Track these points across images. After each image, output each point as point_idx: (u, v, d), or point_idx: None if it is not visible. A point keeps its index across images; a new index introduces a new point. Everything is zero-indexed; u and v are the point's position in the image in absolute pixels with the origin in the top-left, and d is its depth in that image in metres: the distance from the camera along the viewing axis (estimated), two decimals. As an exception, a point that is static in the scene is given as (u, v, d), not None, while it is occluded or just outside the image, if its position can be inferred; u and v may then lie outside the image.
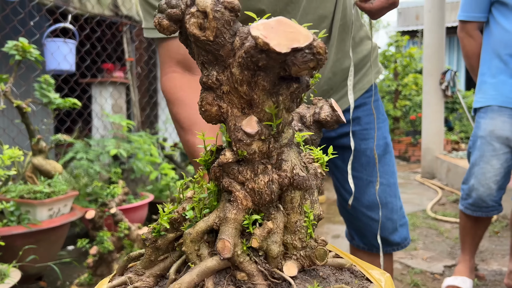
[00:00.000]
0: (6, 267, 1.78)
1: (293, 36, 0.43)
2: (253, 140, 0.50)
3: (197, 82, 1.00)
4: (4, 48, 2.26)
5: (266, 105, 0.49)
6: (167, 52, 1.06)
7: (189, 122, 1.02)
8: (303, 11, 1.08)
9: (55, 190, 2.18)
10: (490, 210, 2.05)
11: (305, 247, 0.54)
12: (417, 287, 2.34)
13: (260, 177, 0.52)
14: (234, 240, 0.52)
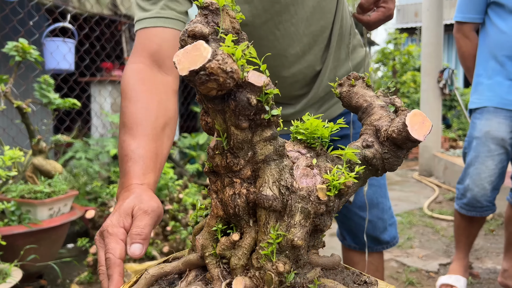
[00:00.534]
0: (8, 266, 1.81)
1: (195, 59, 0.45)
2: (214, 154, 0.53)
3: (162, 80, 0.97)
4: (4, 49, 2.28)
5: (217, 122, 0.52)
6: (142, 40, 1.00)
7: (132, 121, 0.90)
8: (306, 23, 1.11)
9: (55, 189, 2.21)
10: (485, 210, 2.09)
11: (259, 268, 0.56)
12: (412, 285, 2.38)
13: (227, 189, 0.55)
14: (204, 242, 0.56)
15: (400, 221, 3.76)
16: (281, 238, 0.54)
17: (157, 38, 0.98)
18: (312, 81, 1.22)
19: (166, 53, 0.98)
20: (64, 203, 2.26)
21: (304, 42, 1.13)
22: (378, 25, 1.12)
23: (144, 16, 0.99)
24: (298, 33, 1.11)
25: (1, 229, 1.95)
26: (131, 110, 0.91)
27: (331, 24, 1.18)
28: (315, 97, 1.24)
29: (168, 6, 0.98)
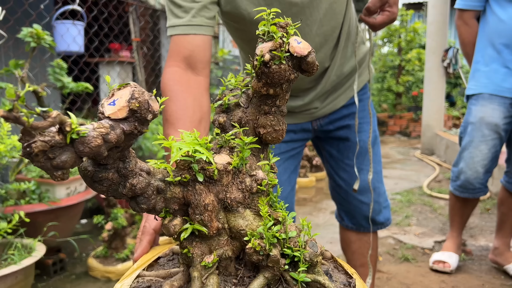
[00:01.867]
0: (32, 241, 1.96)
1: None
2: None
3: (196, 81, 1.11)
4: (19, 35, 2.37)
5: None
6: (177, 46, 1.12)
7: (174, 117, 1.04)
8: (319, 24, 1.20)
9: (72, 170, 2.34)
10: (477, 192, 2.20)
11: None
12: (408, 261, 2.52)
13: None
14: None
15: (399, 200, 3.89)
16: None
17: (189, 45, 1.10)
18: (321, 76, 1.32)
19: (197, 57, 1.10)
20: (80, 182, 2.40)
21: (316, 42, 1.23)
22: (382, 27, 1.22)
23: (178, 23, 1.10)
24: (311, 33, 1.21)
25: (23, 207, 2.09)
26: (172, 108, 1.05)
27: (340, 24, 1.27)
28: (322, 90, 1.34)
29: (199, 14, 1.10)
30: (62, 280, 2.31)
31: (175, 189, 0.63)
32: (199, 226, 0.64)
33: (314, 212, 3.57)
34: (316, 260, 0.64)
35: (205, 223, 0.64)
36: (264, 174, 0.68)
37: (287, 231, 0.65)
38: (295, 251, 0.64)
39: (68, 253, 2.59)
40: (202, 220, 0.64)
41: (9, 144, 1.95)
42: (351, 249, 1.59)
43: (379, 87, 9.69)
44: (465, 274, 2.33)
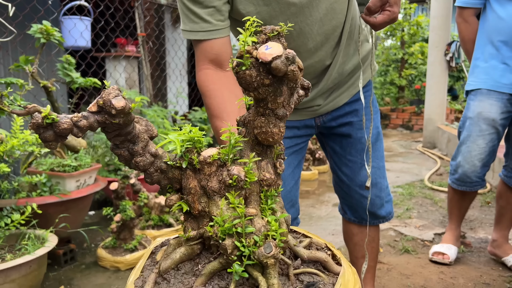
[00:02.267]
0: (44, 232, 2.03)
1: None
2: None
3: (227, 77, 1.22)
4: (29, 31, 2.43)
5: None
6: (202, 51, 1.22)
7: (218, 110, 1.17)
8: (320, 23, 1.25)
9: (81, 163, 2.41)
10: (474, 185, 2.26)
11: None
12: (408, 253, 2.58)
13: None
14: None
15: (400, 193, 3.95)
16: None
17: (213, 49, 1.21)
18: (322, 74, 1.37)
19: (222, 57, 1.22)
20: (89, 175, 2.47)
21: (317, 40, 1.28)
22: (383, 26, 1.25)
23: (197, 28, 1.19)
24: (312, 32, 1.25)
25: (35, 199, 2.16)
26: (214, 105, 1.19)
27: (342, 23, 1.31)
28: (324, 87, 1.40)
29: (214, 18, 1.18)
30: (73, 269, 2.39)
31: (175, 171, 0.80)
32: (185, 205, 0.79)
33: (316, 205, 3.63)
34: (265, 261, 0.69)
35: (189, 203, 0.78)
36: (238, 170, 0.74)
37: (244, 226, 0.72)
38: (246, 246, 0.71)
39: (77, 243, 2.67)
40: (187, 201, 0.78)
41: (21, 139, 2.01)
42: (353, 241, 1.66)
43: (381, 81, 9.71)
44: (464, 265, 2.39)
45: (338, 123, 1.49)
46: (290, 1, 1.18)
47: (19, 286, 1.75)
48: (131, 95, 3.23)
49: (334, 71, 1.36)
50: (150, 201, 2.66)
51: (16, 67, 2.42)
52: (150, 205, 2.68)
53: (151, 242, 2.39)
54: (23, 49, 3.38)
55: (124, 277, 2.28)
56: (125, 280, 2.24)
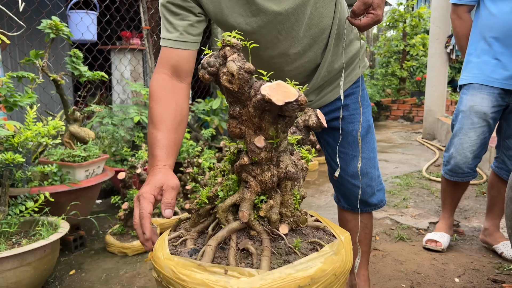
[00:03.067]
0: (56, 219, 2.15)
1: (286, 94, 0.72)
2: (261, 151, 0.81)
3: (179, 88, 1.31)
4: (39, 26, 2.53)
5: (270, 130, 0.80)
6: (166, 57, 1.31)
7: (159, 119, 1.21)
8: (306, 27, 1.34)
9: (90, 154, 2.52)
10: (466, 176, 2.36)
11: (293, 216, 0.86)
12: (403, 240, 2.69)
13: (266, 173, 0.84)
14: (249, 211, 0.84)
15: (398, 183, 4.06)
16: (298, 195, 0.84)
17: (176, 56, 1.29)
18: (312, 73, 1.47)
19: (183, 67, 1.30)
20: (98, 165, 2.58)
21: (305, 43, 1.37)
22: (367, 28, 1.35)
23: (168, 37, 1.30)
24: (299, 36, 1.35)
25: (47, 188, 2.28)
26: (157, 111, 1.23)
27: (330, 26, 1.40)
28: (315, 85, 1.49)
29: (186, 31, 1.29)
30: (82, 255, 2.51)
31: None
32: None
33: (316, 194, 3.74)
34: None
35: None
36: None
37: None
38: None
39: (86, 230, 2.79)
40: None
41: (34, 131, 2.12)
42: (347, 228, 1.76)
43: (383, 72, 9.76)
44: (456, 252, 2.50)
45: (330, 117, 1.59)
46: (276, 11, 1.27)
47: (34, 269, 1.87)
48: (136, 87, 3.32)
49: (323, 70, 1.45)
50: (155, 190, 2.77)
51: (26, 61, 2.52)
52: (155, 194, 2.79)
53: (157, 229, 2.50)
54: (32, 43, 3.47)
55: (131, 262, 2.40)
56: (133, 264, 2.37)
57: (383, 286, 2.10)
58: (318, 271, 0.76)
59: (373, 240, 2.71)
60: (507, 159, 2.36)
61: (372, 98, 8.51)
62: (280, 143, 0.81)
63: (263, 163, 0.83)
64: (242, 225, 0.85)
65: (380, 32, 11.19)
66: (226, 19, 1.29)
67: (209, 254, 0.80)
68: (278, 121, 0.79)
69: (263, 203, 0.86)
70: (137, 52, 4.04)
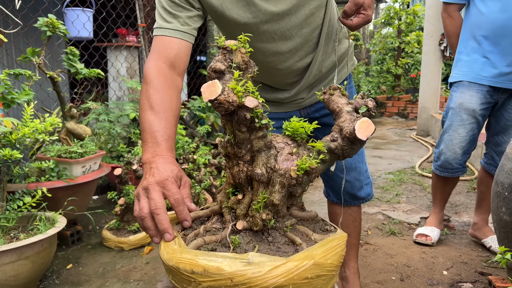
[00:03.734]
0: (53, 214, 2.19)
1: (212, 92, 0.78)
2: (227, 145, 0.88)
3: (176, 80, 1.28)
4: (36, 24, 2.55)
5: (227, 127, 0.85)
6: (163, 45, 1.25)
7: (161, 107, 1.13)
8: (299, 27, 1.39)
9: (87, 150, 2.56)
10: (455, 172, 2.42)
11: (252, 216, 0.88)
12: (394, 235, 2.75)
13: (234, 167, 0.89)
14: (222, 198, 0.92)
15: (391, 179, 4.11)
16: (265, 199, 0.87)
17: (176, 46, 1.26)
18: (304, 71, 1.52)
19: (181, 59, 1.27)
20: (94, 161, 2.61)
21: (297, 42, 1.42)
22: (358, 28, 1.40)
23: (166, 26, 1.27)
24: (292, 35, 1.39)
25: (44, 184, 2.31)
26: (158, 98, 1.15)
27: (320, 26, 1.45)
28: (306, 83, 1.54)
29: (186, 23, 1.29)
30: (79, 249, 2.55)
31: None
32: None
33: (310, 190, 3.80)
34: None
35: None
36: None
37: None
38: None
39: (83, 225, 2.83)
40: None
41: (32, 127, 2.15)
42: (336, 221, 1.81)
43: (378, 69, 9.82)
44: (446, 246, 2.56)
45: (320, 114, 1.63)
46: (273, 11, 1.32)
47: (32, 262, 1.91)
48: (132, 84, 3.36)
49: (314, 68, 1.50)
50: (151, 186, 2.81)
51: (23, 58, 2.55)
52: (151, 190, 2.83)
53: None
54: (28, 40, 3.50)
55: (128, 256, 2.45)
56: (129, 259, 2.41)
57: (373, 279, 2.15)
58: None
59: (365, 234, 2.77)
60: (496, 155, 2.42)
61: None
62: (251, 143, 0.85)
63: (232, 158, 0.88)
64: (219, 209, 0.92)
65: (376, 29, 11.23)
66: (225, 17, 1.33)
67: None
68: (231, 119, 0.83)
69: (234, 195, 0.91)
70: (133, 49, 4.07)
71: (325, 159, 0.91)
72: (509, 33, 2.15)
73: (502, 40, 2.18)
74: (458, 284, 2.07)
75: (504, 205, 1.61)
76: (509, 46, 2.17)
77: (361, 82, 8.79)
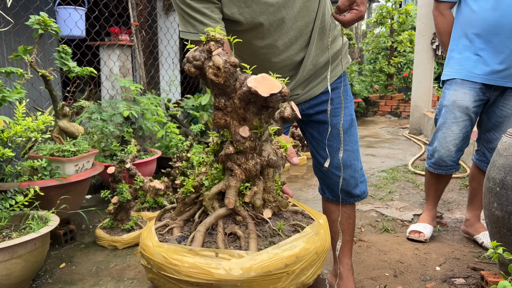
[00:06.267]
0: (46, 213, 2.17)
1: (271, 86, 0.77)
2: (246, 140, 0.86)
3: None
4: (28, 22, 2.53)
5: (254, 121, 0.84)
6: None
7: None
8: (294, 20, 1.40)
9: (80, 148, 2.54)
10: (449, 169, 2.43)
11: (275, 201, 0.90)
12: (387, 231, 2.76)
13: (250, 161, 0.88)
14: (235, 197, 0.89)
15: (384, 177, 4.13)
16: (280, 181, 0.89)
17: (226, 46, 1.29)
18: (298, 66, 1.52)
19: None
20: (87, 160, 2.60)
21: (291, 35, 1.42)
22: (351, 23, 1.41)
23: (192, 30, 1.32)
24: (287, 28, 1.40)
25: (37, 182, 2.30)
26: None
27: (313, 20, 1.46)
28: (301, 79, 1.54)
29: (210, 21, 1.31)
30: (73, 248, 2.54)
31: None
32: None
33: (304, 188, 3.80)
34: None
35: None
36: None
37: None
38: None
39: (76, 225, 2.82)
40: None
41: (24, 125, 2.14)
42: (331, 218, 1.82)
43: (371, 68, 9.86)
44: (438, 242, 2.58)
45: (315, 110, 1.64)
46: (268, 2, 1.33)
47: (25, 261, 1.90)
48: (125, 83, 3.34)
49: (308, 63, 1.51)
50: (145, 184, 2.81)
51: (15, 56, 2.53)
52: (145, 189, 2.82)
53: (147, 223, 2.54)
54: (20, 38, 3.47)
55: (121, 255, 2.44)
56: (123, 257, 2.40)
57: (367, 275, 2.16)
58: (302, 250, 0.81)
59: (359, 231, 2.78)
60: (487, 152, 2.44)
61: (360, 94, 8.60)
62: (263, 133, 0.86)
63: (247, 152, 0.88)
64: (228, 211, 0.90)
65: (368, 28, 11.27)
66: (222, 7, 1.34)
67: (199, 239, 0.84)
68: (261, 112, 0.83)
69: (247, 190, 0.90)
70: (126, 48, 4.05)
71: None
72: (500, 31, 2.17)
73: (494, 38, 2.20)
74: (451, 280, 2.09)
75: (495, 201, 1.62)
76: (500, 43, 2.19)
77: (354, 81, 8.82)
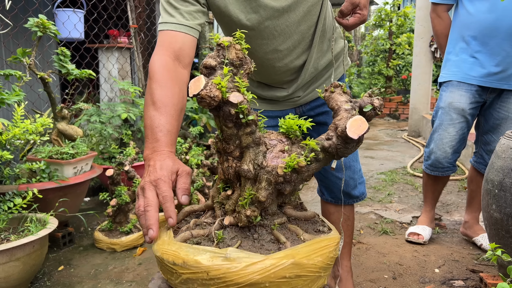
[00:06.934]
0: (44, 215, 2.17)
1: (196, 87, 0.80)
2: (216, 141, 0.89)
3: (181, 72, 1.26)
4: (26, 24, 2.54)
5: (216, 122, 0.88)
6: (168, 39, 1.25)
7: (162, 102, 1.12)
8: (297, 24, 1.41)
9: (78, 151, 2.54)
10: (446, 171, 2.44)
11: (239, 212, 0.88)
12: (386, 234, 2.77)
13: (224, 163, 0.90)
14: (213, 194, 0.93)
15: (383, 179, 4.14)
16: (252, 195, 0.86)
17: (181, 40, 1.25)
18: (300, 69, 1.53)
19: (185, 53, 1.26)
20: (86, 162, 2.60)
21: (294, 39, 1.43)
22: (354, 27, 1.42)
23: (171, 21, 1.27)
24: (290, 32, 1.41)
25: (35, 185, 2.30)
26: (160, 93, 1.14)
27: (315, 23, 1.47)
28: (303, 81, 1.55)
29: (191, 18, 1.28)
30: (71, 251, 2.54)
31: None
32: None
33: (303, 191, 3.81)
34: None
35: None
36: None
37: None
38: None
39: (75, 227, 2.82)
40: None
41: (22, 128, 2.14)
42: (330, 220, 1.82)
43: (369, 71, 9.88)
44: (437, 245, 2.58)
45: (316, 112, 1.64)
46: (274, 7, 1.34)
47: (23, 264, 1.89)
48: (124, 85, 3.34)
49: (310, 66, 1.52)
50: (143, 187, 2.80)
51: (14, 59, 2.53)
52: (143, 191, 2.82)
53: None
54: (18, 41, 3.47)
55: (120, 258, 2.43)
56: (121, 260, 2.40)
57: (366, 277, 2.16)
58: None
59: (358, 233, 2.78)
60: (485, 154, 2.44)
61: (359, 96, 8.61)
62: (239, 139, 0.86)
63: (222, 153, 0.89)
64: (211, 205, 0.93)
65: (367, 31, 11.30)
66: (229, 13, 1.34)
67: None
68: (218, 114, 0.83)
69: (223, 191, 0.92)
70: (125, 51, 4.06)
71: (319, 158, 0.89)
72: (497, 33, 2.18)
73: (490, 40, 2.21)
74: (449, 282, 2.09)
75: (494, 202, 1.63)
76: (497, 46, 2.20)
77: (352, 84, 8.83)
